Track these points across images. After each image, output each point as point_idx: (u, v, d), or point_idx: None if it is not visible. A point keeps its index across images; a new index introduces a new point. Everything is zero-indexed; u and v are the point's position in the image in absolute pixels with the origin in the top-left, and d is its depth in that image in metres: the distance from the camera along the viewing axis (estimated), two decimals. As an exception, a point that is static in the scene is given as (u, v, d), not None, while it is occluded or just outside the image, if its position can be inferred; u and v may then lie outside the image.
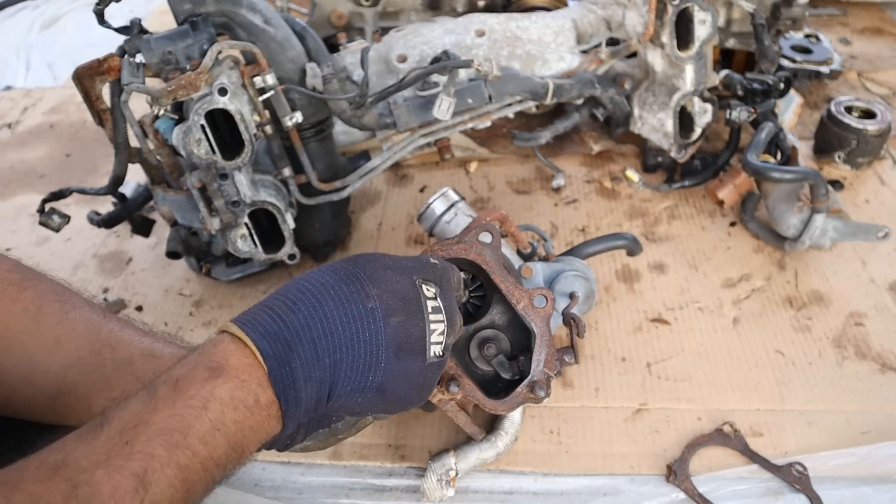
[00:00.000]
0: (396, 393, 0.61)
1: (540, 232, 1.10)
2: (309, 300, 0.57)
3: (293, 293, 0.58)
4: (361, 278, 0.59)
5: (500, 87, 1.19)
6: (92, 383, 0.69)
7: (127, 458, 0.48)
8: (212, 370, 0.52)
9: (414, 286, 0.61)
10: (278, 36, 1.08)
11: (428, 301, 0.62)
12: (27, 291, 0.69)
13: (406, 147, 1.22)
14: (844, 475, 0.93)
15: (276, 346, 0.54)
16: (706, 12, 1.22)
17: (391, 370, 0.59)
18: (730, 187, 1.33)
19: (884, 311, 1.15)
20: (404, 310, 0.60)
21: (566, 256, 1.06)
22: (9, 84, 2.07)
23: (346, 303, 0.57)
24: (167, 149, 1.04)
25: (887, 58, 1.83)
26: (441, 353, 0.63)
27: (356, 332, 0.57)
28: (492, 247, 0.85)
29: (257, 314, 0.56)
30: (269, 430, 0.55)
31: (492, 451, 0.95)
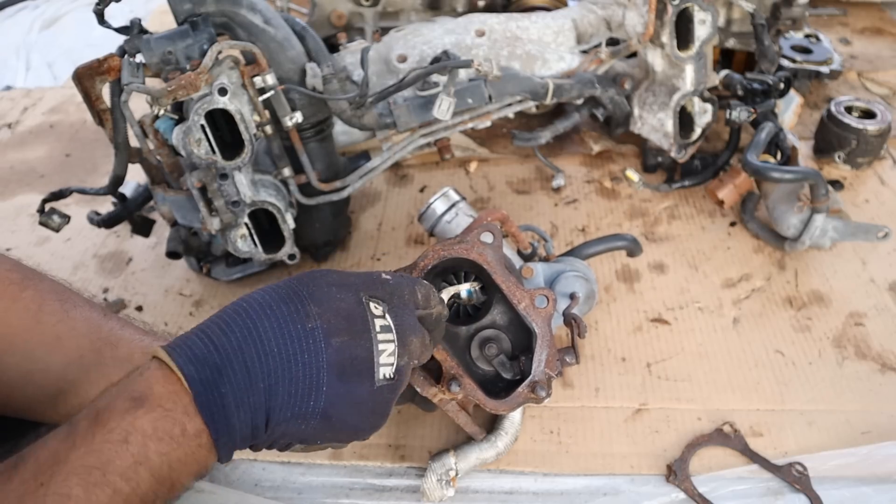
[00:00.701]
0: (344, 420, 0.57)
1: (540, 232, 1.10)
2: (244, 320, 0.53)
3: (228, 314, 0.54)
4: (303, 296, 0.56)
5: (500, 87, 1.19)
6: (93, 381, 0.68)
7: (41, 501, 0.45)
8: (134, 400, 0.49)
9: (360, 304, 0.57)
10: (278, 36, 1.08)
11: (376, 319, 0.57)
12: (28, 291, 0.69)
13: (406, 147, 1.22)
14: (844, 475, 0.93)
15: (204, 371, 0.50)
16: (706, 12, 1.22)
17: (335, 394, 0.55)
18: (730, 187, 1.33)
19: (884, 311, 1.15)
20: (348, 329, 0.56)
21: (566, 257, 1.06)
22: (9, 84, 2.07)
23: (283, 323, 0.53)
24: (167, 149, 1.04)
25: (887, 58, 1.83)
26: (392, 376, 0.59)
27: (294, 353, 0.53)
28: (493, 247, 0.85)
29: (188, 338, 0.53)
30: (202, 460, 0.51)
31: (492, 451, 0.95)
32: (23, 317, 0.68)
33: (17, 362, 0.67)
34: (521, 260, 1.03)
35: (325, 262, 1.33)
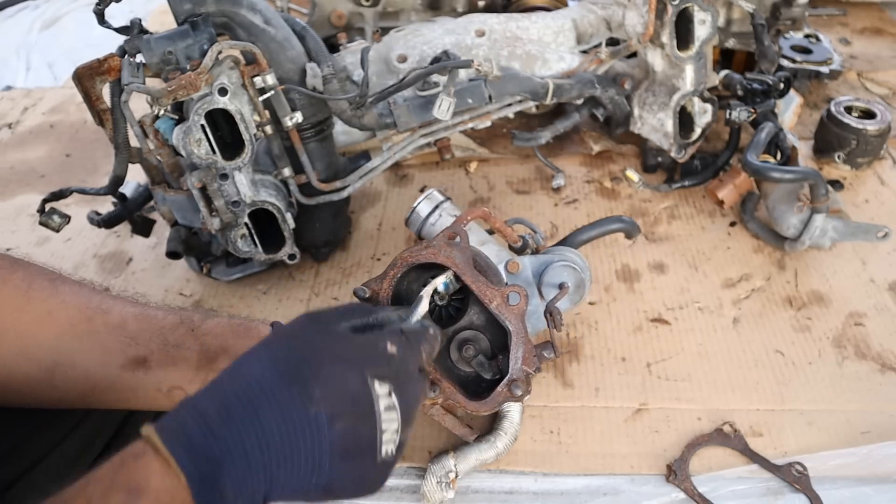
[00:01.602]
0: (345, 491, 0.56)
1: (529, 224, 1.09)
2: (245, 406, 0.50)
3: (229, 396, 0.51)
4: (306, 377, 0.52)
5: (500, 87, 1.19)
6: (87, 350, 0.69)
7: None
8: (130, 493, 0.46)
9: (365, 384, 0.55)
10: (278, 36, 1.08)
11: (380, 399, 0.55)
12: (17, 273, 0.70)
13: (406, 147, 1.22)
14: (844, 475, 0.93)
15: (204, 466, 0.48)
16: (706, 12, 1.22)
17: (337, 471, 0.53)
18: (730, 187, 1.33)
19: (884, 311, 1.16)
20: (352, 412, 0.54)
21: (557, 247, 1.04)
22: (9, 84, 2.07)
23: (286, 409, 0.51)
24: (167, 149, 1.04)
25: (887, 58, 1.83)
26: (394, 451, 0.58)
27: (296, 440, 0.51)
28: (460, 248, 0.84)
29: (185, 421, 0.50)
30: None
31: (491, 451, 0.95)
32: (13, 296, 0.68)
33: (10, 340, 0.67)
34: (511, 255, 1.02)
35: (325, 261, 1.33)
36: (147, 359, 0.71)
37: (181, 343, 0.72)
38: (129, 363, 0.70)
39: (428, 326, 0.69)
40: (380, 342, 0.58)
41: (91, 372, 0.69)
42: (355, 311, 0.65)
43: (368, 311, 0.67)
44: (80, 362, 0.69)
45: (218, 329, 0.75)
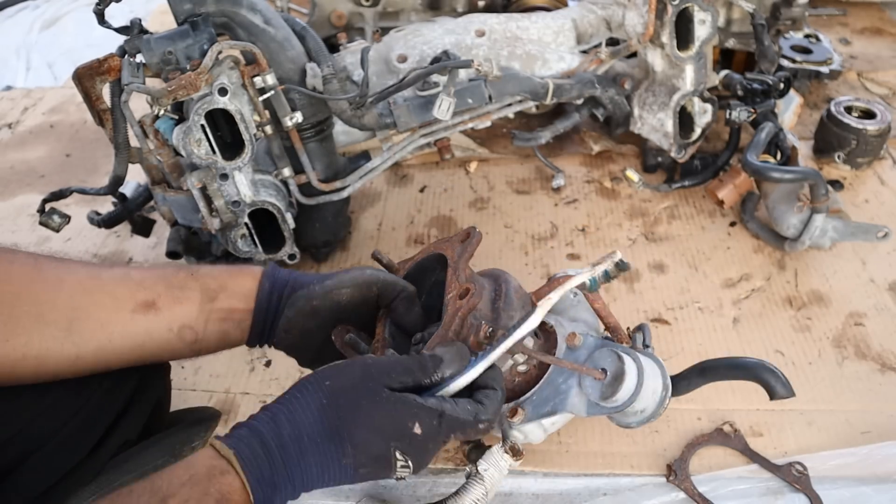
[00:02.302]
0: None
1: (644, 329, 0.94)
2: (297, 450, 0.65)
3: (285, 438, 0.65)
4: (343, 437, 0.66)
5: (500, 87, 1.19)
6: (98, 301, 0.74)
7: None
8: (218, 502, 0.61)
9: (388, 451, 0.67)
10: (278, 36, 1.08)
11: (398, 462, 0.68)
12: (20, 253, 0.74)
13: (406, 147, 1.22)
14: (844, 475, 0.93)
15: (267, 491, 0.64)
16: (706, 12, 1.22)
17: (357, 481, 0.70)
18: (730, 187, 1.33)
19: (884, 311, 1.15)
20: (374, 465, 0.67)
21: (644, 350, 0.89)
22: (9, 84, 2.07)
23: (324, 458, 0.66)
24: (167, 149, 1.04)
25: (887, 58, 1.83)
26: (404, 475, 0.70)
27: (329, 478, 0.67)
28: (464, 245, 0.82)
29: (256, 452, 0.64)
30: None
31: None
32: (23, 270, 0.72)
33: (27, 309, 0.71)
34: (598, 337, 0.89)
35: (325, 261, 1.33)
36: (155, 301, 0.76)
37: (184, 285, 0.79)
38: (139, 307, 0.75)
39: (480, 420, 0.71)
40: (409, 421, 0.67)
41: (105, 320, 0.74)
42: (412, 369, 0.70)
43: (426, 368, 0.71)
44: (95, 312, 0.74)
45: (215, 271, 0.82)
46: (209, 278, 0.80)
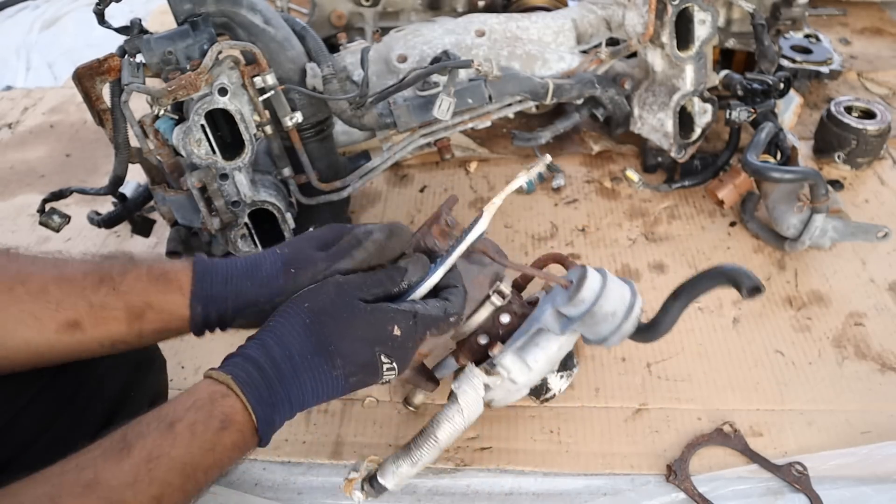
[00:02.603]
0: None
1: None
2: (290, 369, 0.69)
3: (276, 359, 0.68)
4: (330, 350, 0.69)
5: (500, 87, 1.19)
6: (18, 319, 0.71)
7: (150, 483, 0.60)
8: (222, 422, 0.65)
9: (373, 356, 0.71)
10: (278, 36, 1.08)
11: (384, 364, 0.72)
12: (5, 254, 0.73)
13: (406, 147, 1.22)
14: (844, 475, 0.93)
15: (266, 410, 0.67)
16: (706, 12, 1.22)
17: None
18: (730, 187, 1.33)
19: (884, 311, 1.16)
20: (362, 372, 0.71)
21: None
22: (9, 84, 2.07)
23: (317, 372, 0.69)
24: (167, 149, 1.04)
25: (887, 58, 1.83)
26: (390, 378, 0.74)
27: (322, 393, 0.70)
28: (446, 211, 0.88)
29: (252, 375, 0.67)
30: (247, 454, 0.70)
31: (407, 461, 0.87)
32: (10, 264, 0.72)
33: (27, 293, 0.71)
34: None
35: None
36: (78, 321, 0.72)
37: (105, 303, 0.74)
38: (61, 328, 0.72)
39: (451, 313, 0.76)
40: (388, 325, 0.72)
41: (30, 339, 0.71)
42: (381, 281, 0.75)
43: (394, 279, 0.76)
44: (17, 331, 0.71)
45: (139, 285, 0.75)
46: (132, 294, 0.74)
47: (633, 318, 0.83)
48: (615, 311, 0.82)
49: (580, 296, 0.81)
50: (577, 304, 0.82)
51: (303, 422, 1.04)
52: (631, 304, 0.83)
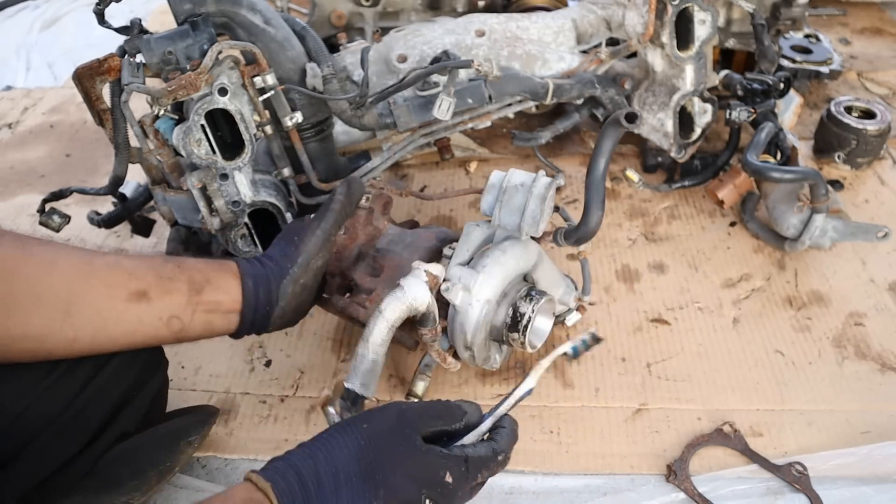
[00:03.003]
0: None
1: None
2: (332, 487, 0.67)
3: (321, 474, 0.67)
4: (378, 481, 0.68)
5: (500, 87, 1.19)
6: (94, 287, 0.76)
7: None
8: None
9: (419, 499, 0.69)
10: (278, 36, 1.08)
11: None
12: (6, 235, 0.76)
13: (406, 147, 1.22)
14: (844, 475, 0.93)
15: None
16: (706, 12, 1.22)
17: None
18: (730, 187, 1.33)
19: (883, 311, 1.16)
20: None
21: None
22: (9, 84, 2.07)
23: (357, 497, 0.68)
24: (167, 149, 1.04)
25: (887, 58, 1.83)
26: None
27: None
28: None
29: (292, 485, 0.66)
30: None
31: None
32: (11, 252, 0.74)
33: (22, 288, 0.72)
34: None
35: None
36: (147, 291, 0.79)
37: (172, 276, 0.82)
38: (131, 296, 0.78)
39: (498, 453, 0.76)
40: (441, 470, 0.70)
41: (101, 307, 0.76)
42: (441, 416, 0.75)
43: (454, 415, 0.76)
44: (91, 299, 0.76)
45: (199, 264, 0.86)
46: (194, 271, 0.84)
47: (542, 184, 0.92)
48: (523, 181, 0.93)
49: (489, 182, 0.96)
50: (490, 191, 0.95)
51: (303, 422, 1.04)
52: (535, 177, 0.93)
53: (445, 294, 0.90)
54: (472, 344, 0.93)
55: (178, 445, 0.92)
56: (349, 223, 1.01)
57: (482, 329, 0.93)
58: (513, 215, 0.93)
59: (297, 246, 0.91)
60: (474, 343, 0.93)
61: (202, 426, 0.97)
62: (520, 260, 0.94)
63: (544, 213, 0.93)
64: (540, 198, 0.91)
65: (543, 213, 0.92)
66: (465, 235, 0.96)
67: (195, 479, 0.97)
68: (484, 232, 0.96)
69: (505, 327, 0.95)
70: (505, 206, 0.94)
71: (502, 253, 0.93)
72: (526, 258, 0.95)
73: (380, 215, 1.07)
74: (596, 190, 0.89)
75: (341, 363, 1.13)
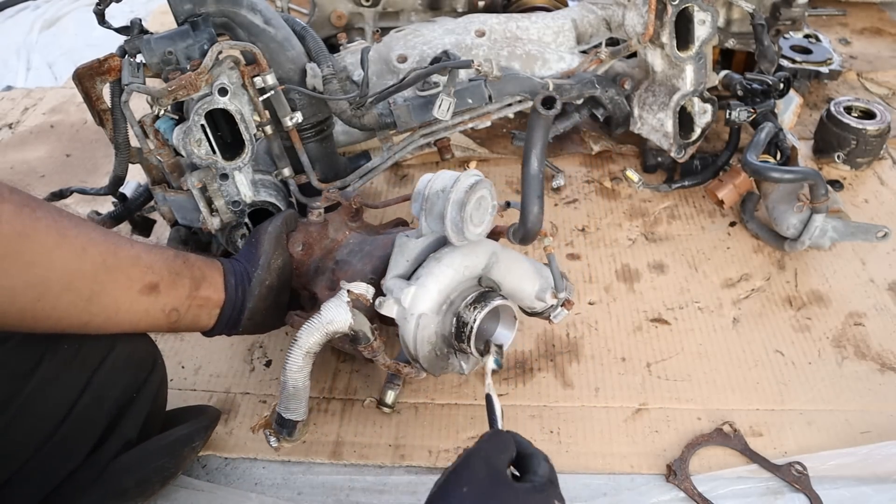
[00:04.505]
0: None
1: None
2: None
3: None
4: None
5: (500, 87, 1.19)
6: (116, 279, 0.79)
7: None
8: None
9: None
10: (278, 36, 1.08)
11: None
12: (41, 210, 0.77)
13: (406, 147, 1.22)
14: (844, 475, 0.93)
15: None
16: (706, 12, 1.22)
17: None
18: (730, 187, 1.33)
19: (883, 311, 1.16)
20: None
21: None
22: (9, 84, 2.07)
23: None
24: (167, 149, 1.04)
25: (887, 58, 1.84)
26: None
27: None
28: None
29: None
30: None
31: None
32: (48, 234, 0.75)
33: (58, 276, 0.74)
34: None
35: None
36: (158, 285, 0.83)
37: (180, 272, 0.86)
38: (144, 288, 0.82)
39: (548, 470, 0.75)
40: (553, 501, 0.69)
41: (118, 297, 0.80)
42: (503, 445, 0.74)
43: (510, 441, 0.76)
44: (112, 290, 0.79)
45: (198, 260, 0.91)
46: (195, 267, 0.89)
47: (460, 189, 0.85)
48: (444, 186, 0.88)
49: (415, 188, 0.91)
50: (415, 198, 0.92)
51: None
52: (456, 177, 0.87)
53: (378, 309, 0.88)
54: (418, 356, 0.89)
55: (183, 452, 0.93)
56: (304, 239, 1.01)
57: (425, 342, 0.88)
58: (438, 223, 0.88)
59: (256, 248, 0.96)
60: (419, 355, 0.89)
61: (205, 431, 0.97)
62: (459, 267, 0.88)
63: (472, 217, 0.85)
64: (458, 204, 0.84)
65: (470, 218, 0.85)
66: (398, 247, 0.92)
67: (195, 479, 0.97)
68: (423, 241, 0.91)
69: (452, 337, 0.90)
70: (429, 214, 0.90)
71: (437, 262, 0.88)
72: (471, 262, 0.89)
73: (342, 224, 1.05)
74: (531, 186, 0.84)
75: (341, 363, 1.13)
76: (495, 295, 0.90)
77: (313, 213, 1.03)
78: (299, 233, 1.01)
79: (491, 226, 0.90)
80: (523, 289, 0.95)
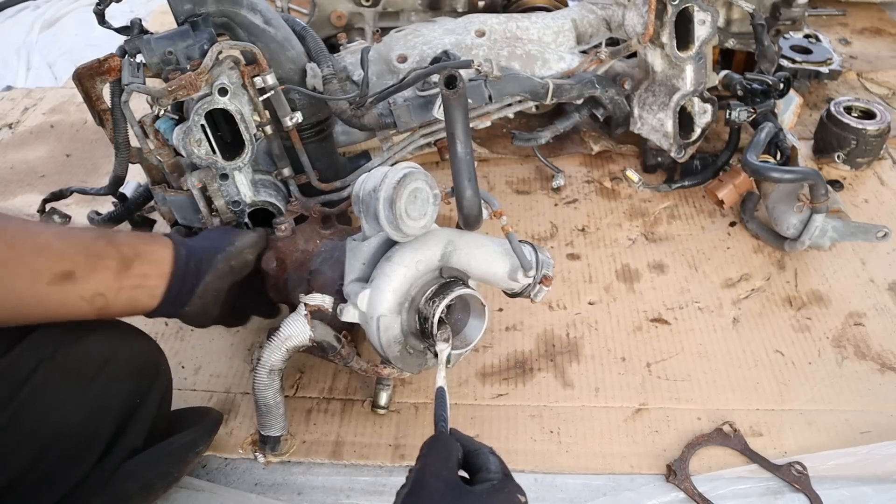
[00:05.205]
0: None
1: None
2: None
3: None
4: None
5: (500, 87, 1.19)
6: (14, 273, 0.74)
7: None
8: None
9: None
10: (278, 36, 1.08)
11: None
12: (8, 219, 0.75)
13: (406, 147, 1.22)
14: (844, 475, 0.93)
15: None
16: (706, 12, 1.22)
17: None
18: (730, 187, 1.33)
19: (883, 311, 1.16)
20: None
21: None
22: (9, 84, 2.07)
23: None
24: (167, 149, 1.04)
25: (887, 58, 1.84)
26: None
27: None
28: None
29: None
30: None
31: None
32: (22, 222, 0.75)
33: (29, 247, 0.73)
34: None
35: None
36: (73, 272, 0.77)
37: (102, 253, 0.81)
38: (56, 278, 0.76)
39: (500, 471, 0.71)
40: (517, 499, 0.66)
41: (19, 291, 0.74)
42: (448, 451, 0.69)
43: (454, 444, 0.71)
44: (11, 284, 0.73)
45: (130, 238, 0.87)
46: (125, 245, 0.84)
47: (388, 185, 0.81)
48: (375, 185, 0.84)
49: (353, 192, 0.88)
50: (354, 202, 0.88)
51: (303, 421, 1.04)
52: (384, 173, 0.83)
53: (340, 316, 0.86)
54: (389, 356, 0.88)
55: (187, 457, 0.93)
56: (276, 255, 1.00)
57: (393, 342, 0.87)
58: (376, 223, 0.85)
59: (234, 233, 0.96)
60: (389, 356, 0.88)
61: (209, 436, 0.97)
62: (411, 263, 0.85)
63: (408, 211, 0.82)
64: (388, 201, 0.81)
65: (405, 213, 0.82)
66: (350, 252, 0.90)
67: (195, 479, 0.97)
68: (374, 242, 0.89)
69: (418, 334, 0.88)
70: (366, 215, 0.87)
71: (388, 262, 0.85)
72: (423, 256, 0.86)
73: (313, 234, 1.03)
74: (459, 169, 0.81)
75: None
76: (455, 285, 0.87)
77: (279, 228, 1.01)
78: (270, 250, 1.00)
79: (435, 215, 0.86)
80: (494, 272, 0.91)
